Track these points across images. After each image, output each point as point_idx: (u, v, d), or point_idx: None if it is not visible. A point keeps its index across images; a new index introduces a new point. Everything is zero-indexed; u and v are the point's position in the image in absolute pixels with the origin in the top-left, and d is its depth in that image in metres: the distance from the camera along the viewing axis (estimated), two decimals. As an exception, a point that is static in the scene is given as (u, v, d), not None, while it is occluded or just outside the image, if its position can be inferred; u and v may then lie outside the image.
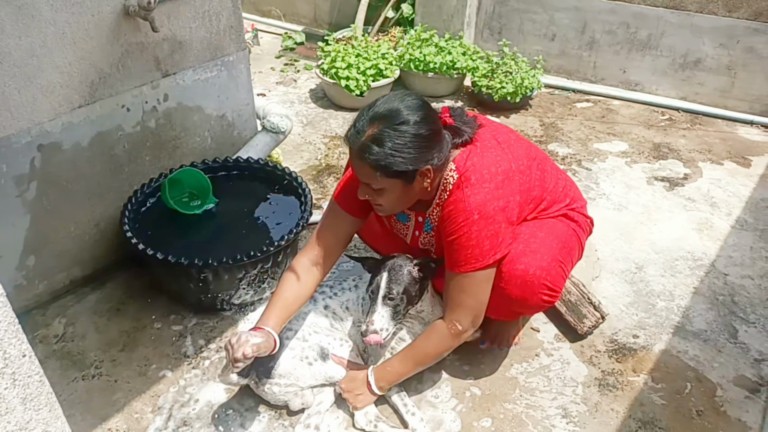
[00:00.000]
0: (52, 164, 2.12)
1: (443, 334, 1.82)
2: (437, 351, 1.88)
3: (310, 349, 1.91)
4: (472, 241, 1.70)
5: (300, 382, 1.89)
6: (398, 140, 1.61)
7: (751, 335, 2.24)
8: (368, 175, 1.67)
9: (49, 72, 1.99)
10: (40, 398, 1.11)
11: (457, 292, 1.79)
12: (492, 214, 1.69)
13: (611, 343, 2.20)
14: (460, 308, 1.79)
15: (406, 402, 1.91)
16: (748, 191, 3.07)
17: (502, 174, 1.73)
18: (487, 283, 1.78)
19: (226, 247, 2.23)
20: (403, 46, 3.90)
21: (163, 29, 2.27)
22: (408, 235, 2.03)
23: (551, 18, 4.02)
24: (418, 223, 1.96)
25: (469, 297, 1.78)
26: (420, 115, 1.64)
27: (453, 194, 1.74)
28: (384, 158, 1.61)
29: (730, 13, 3.55)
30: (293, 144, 3.40)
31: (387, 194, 1.71)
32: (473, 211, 1.69)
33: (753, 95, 3.68)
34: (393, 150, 1.61)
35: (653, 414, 1.95)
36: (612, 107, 3.90)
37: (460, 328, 1.80)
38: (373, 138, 1.62)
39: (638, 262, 2.59)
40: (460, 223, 1.70)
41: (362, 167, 1.67)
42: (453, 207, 1.72)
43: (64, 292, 2.35)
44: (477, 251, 1.71)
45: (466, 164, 1.73)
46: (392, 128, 1.61)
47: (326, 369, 1.91)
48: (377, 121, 1.63)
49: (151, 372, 2.07)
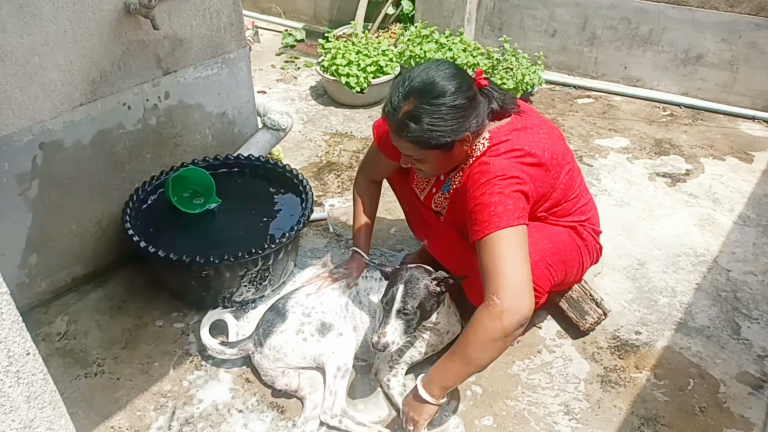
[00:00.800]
0: (54, 162, 2.12)
1: (482, 315, 1.59)
2: (480, 341, 1.60)
3: (310, 324, 1.94)
4: (495, 197, 1.64)
5: (288, 358, 1.91)
6: (435, 115, 1.61)
7: (754, 331, 2.24)
8: (408, 148, 1.72)
9: (51, 70, 1.99)
10: (44, 396, 1.11)
11: (488, 260, 1.61)
12: (514, 181, 1.67)
13: (613, 340, 2.20)
14: (494, 278, 1.58)
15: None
16: (750, 187, 3.06)
17: (532, 158, 1.73)
18: (518, 249, 1.62)
19: (228, 244, 2.24)
20: (404, 42, 3.90)
21: (164, 27, 2.27)
22: (425, 190, 2.05)
23: (552, 14, 4.01)
24: (438, 180, 1.98)
25: (500, 263, 1.59)
26: (455, 84, 1.63)
27: (478, 160, 1.74)
28: (422, 134, 1.63)
29: (732, 8, 3.54)
30: (294, 141, 3.40)
31: (428, 162, 1.76)
32: (495, 172, 1.68)
33: (755, 90, 3.67)
34: (430, 125, 1.62)
35: (656, 410, 1.95)
36: (613, 103, 3.90)
37: (498, 303, 1.55)
38: (409, 115, 1.63)
39: (640, 258, 2.59)
40: (482, 184, 1.68)
41: (401, 142, 1.70)
42: (477, 170, 1.72)
43: (66, 290, 2.36)
44: (500, 209, 1.63)
45: (500, 136, 1.74)
46: (428, 103, 1.61)
47: (319, 348, 1.90)
48: (413, 96, 1.63)
49: (153, 370, 2.07)
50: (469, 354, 1.64)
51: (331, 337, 1.93)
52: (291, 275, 2.43)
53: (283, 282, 2.38)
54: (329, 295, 2.05)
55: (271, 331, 1.95)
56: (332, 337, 1.93)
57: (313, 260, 2.54)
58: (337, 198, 2.92)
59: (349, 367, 1.91)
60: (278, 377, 1.95)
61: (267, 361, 1.94)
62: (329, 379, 1.88)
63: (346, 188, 3.00)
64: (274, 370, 1.95)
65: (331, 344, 1.92)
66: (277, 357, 1.92)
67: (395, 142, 1.76)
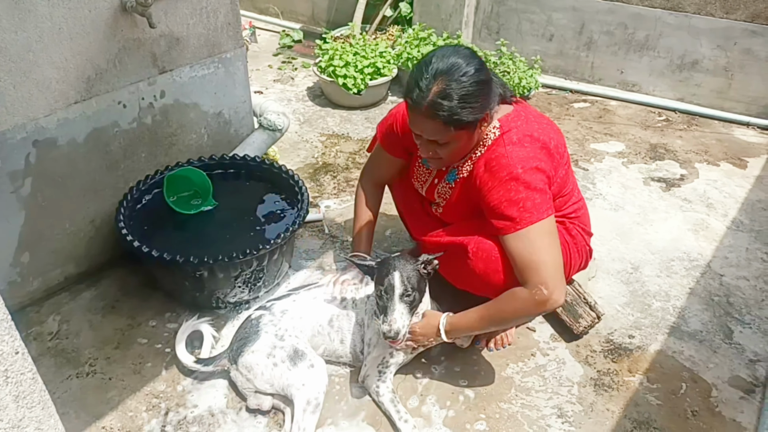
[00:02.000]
0: (48, 160, 2.11)
1: (526, 300, 1.69)
2: (516, 316, 1.77)
3: (282, 349, 1.89)
4: (521, 194, 1.69)
5: (256, 381, 1.87)
6: (464, 91, 1.64)
7: (746, 336, 2.24)
8: (437, 131, 1.70)
9: (45, 67, 1.98)
10: (33, 396, 1.10)
11: (527, 253, 1.69)
12: (535, 170, 1.72)
13: (607, 343, 2.20)
14: (540, 268, 1.67)
15: (399, 409, 1.89)
16: (744, 192, 3.07)
17: (542, 143, 1.78)
18: (553, 237, 1.73)
19: (222, 244, 2.23)
20: (401, 44, 3.90)
21: (161, 25, 2.26)
22: (426, 182, 2.06)
23: (549, 18, 4.02)
24: (440, 171, 1.99)
25: (541, 253, 1.68)
26: (477, 63, 1.68)
27: (493, 150, 1.77)
28: (455, 111, 1.64)
29: (728, 15, 3.55)
30: (290, 142, 3.39)
31: (451, 146, 1.75)
32: (516, 165, 1.72)
33: (750, 97, 3.68)
34: (461, 101, 1.64)
35: (648, 414, 1.95)
36: (609, 108, 3.91)
37: (546, 293, 1.66)
38: (441, 94, 1.64)
39: (634, 262, 2.59)
40: (503, 178, 1.72)
41: (431, 124, 1.69)
42: (495, 162, 1.75)
43: (58, 289, 2.34)
44: (530, 203, 1.69)
45: (510, 124, 1.79)
46: (456, 80, 1.64)
47: (289, 378, 1.84)
48: (440, 77, 1.64)
49: (145, 370, 2.06)
50: (499, 323, 1.83)
51: (302, 367, 1.85)
52: (285, 276, 2.43)
53: (277, 283, 2.38)
54: (307, 315, 2.00)
55: (243, 349, 1.90)
56: (303, 368, 1.85)
57: (308, 261, 2.54)
58: (332, 199, 2.92)
59: (320, 402, 1.83)
60: (250, 396, 1.91)
61: (240, 379, 1.91)
62: (298, 413, 1.80)
63: (342, 189, 3.00)
64: (244, 389, 1.92)
65: (302, 375, 1.84)
66: (248, 377, 1.88)
67: (419, 128, 1.74)
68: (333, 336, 2.01)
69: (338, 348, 2.02)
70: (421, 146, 1.81)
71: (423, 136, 1.75)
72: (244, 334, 1.96)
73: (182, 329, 2.07)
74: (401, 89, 4.02)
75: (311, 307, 2.02)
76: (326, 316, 2.01)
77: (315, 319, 2.01)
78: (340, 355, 2.04)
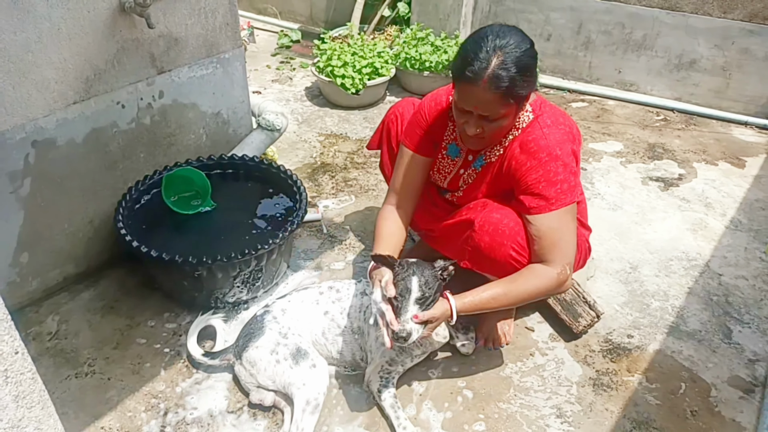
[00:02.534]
0: (47, 161, 2.11)
1: (550, 278, 1.76)
2: (535, 293, 1.80)
3: (285, 347, 1.91)
4: (560, 175, 1.76)
5: (259, 376, 1.89)
6: (522, 63, 1.66)
7: (746, 335, 2.24)
8: (494, 103, 1.69)
9: (44, 68, 1.98)
10: (33, 396, 1.10)
11: (555, 234, 1.77)
12: (569, 153, 1.80)
13: (606, 343, 2.21)
14: (567, 250, 1.78)
15: (399, 415, 1.88)
16: (742, 192, 3.08)
17: (570, 128, 1.85)
18: (575, 222, 1.82)
19: (221, 244, 2.23)
20: (399, 44, 3.90)
21: (159, 26, 2.26)
22: (451, 173, 2.06)
23: (547, 18, 4.03)
24: (466, 161, 2.01)
25: (567, 235, 1.78)
26: (529, 40, 1.72)
27: (529, 132, 1.82)
28: (514, 83, 1.66)
29: (725, 15, 3.56)
30: (288, 142, 3.39)
31: (500, 123, 1.76)
32: (555, 147, 1.78)
33: (747, 96, 3.69)
34: (520, 73, 1.66)
35: (647, 414, 1.96)
36: (607, 107, 3.91)
37: (568, 273, 1.78)
38: (501, 66, 1.64)
39: (633, 262, 2.59)
40: (544, 159, 1.77)
41: (489, 96, 1.67)
42: (533, 144, 1.80)
43: (57, 289, 2.34)
44: (566, 186, 1.77)
45: (541, 108, 1.85)
46: (515, 53, 1.66)
47: (291, 376, 1.85)
48: (499, 50, 1.65)
49: (144, 370, 2.06)
50: (518, 300, 1.81)
51: (304, 366, 1.87)
52: (284, 276, 2.43)
53: (275, 283, 2.38)
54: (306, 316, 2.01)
55: (248, 344, 1.94)
56: (305, 367, 1.87)
57: (307, 261, 2.54)
58: (331, 199, 2.92)
59: (320, 403, 1.83)
60: (253, 391, 1.93)
61: (244, 374, 1.93)
62: (297, 413, 1.80)
63: (341, 189, 3.00)
64: (247, 383, 1.94)
65: (303, 375, 1.85)
66: (252, 372, 1.91)
67: (474, 102, 1.70)
68: (329, 347, 2.02)
69: (337, 357, 2.03)
70: (468, 125, 1.78)
71: (476, 111, 1.73)
72: (249, 330, 1.99)
73: (196, 323, 2.11)
74: (399, 89, 4.02)
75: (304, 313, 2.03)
76: (319, 328, 2.01)
77: (310, 329, 2.01)
78: (341, 362, 2.05)
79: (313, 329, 2.01)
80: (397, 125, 2.29)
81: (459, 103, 1.76)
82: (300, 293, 2.10)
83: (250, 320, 2.06)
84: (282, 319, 1.99)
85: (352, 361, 2.03)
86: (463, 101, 1.74)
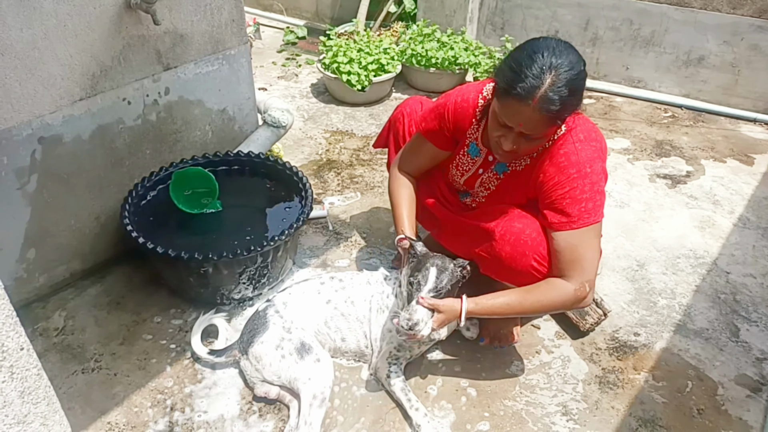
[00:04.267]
0: (53, 157, 2.11)
1: (568, 293, 1.74)
2: (551, 306, 1.80)
3: (290, 341, 1.91)
4: (586, 194, 1.72)
5: (264, 371, 1.90)
6: (572, 86, 1.58)
7: (753, 334, 2.23)
8: (540, 124, 1.62)
9: (51, 64, 1.98)
10: (38, 392, 1.11)
11: (575, 252, 1.74)
12: (599, 172, 1.76)
13: (612, 341, 2.20)
14: (586, 267, 1.74)
15: (411, 397, 1.90)
16: (750, 189, 3.05)
17: (601, 143, 1.81)
18: (599, 240, 1.78)
19: (227, 241, 2.23)
20: (405, 41, 3.89)
21: (165, 22, 2.26)
22: (468, 171, 2.02)
23: (554, 14, 4.01)
24: (486, 161, 1.96)
25: (589, 253, 1.74)
26: (582, 61, 1.63)
27: (561, 146, 1.76)
28: (564, 107, 1.59)
29: (735, 10, 3.53)
30: (294, 139, 3.39)
31: (539, 141, 1.72)
32: (585, 164, 1.73)
33: (757, 93, 3.66)
34: (570, 96, 1.58)
35: (654, 412, 1.95)
36: (615, 104, 3.89)
37: (587, 291, 1.75)
38: (553, 88, 1.56)
39: (640, 259, 2.58)
40: (572, 175, 1.73)
41: (536, 117, 1.60)
42: (564, 159, 1.74)
43: (64, 285, 2.35)
44: (591, 205, 1.72)
45: (575, 121, 1.77)
46: (567, 76, 1.57)
47: (296, 371, 1.86)
48: (554, 70, 1.57)
49: (150, 366, 2.06)
50: (529, 309, 1.82)
51: (308, 361, 1.88)
52: (290, 273, 2.43)
53: (281, 280, 2.38)
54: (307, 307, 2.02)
55: (253, 340, 1.94)
56: (310, 362, 1.87)
57: (312, 258, 2.54)
58: (336, 196, 2.92)
59: (326, 397, 1.83)
60: (258, 384, 1.94)
61: (249, 368, 1.94)
62: (304, 407, 1.81)
63: (346, 186, 3.00)
64: (252, 378, 1.95)
65: (308, 369, 1.86)
66: (257, 368, 1.92)
67: (518, 121, 1.63)
68: (333, 335, 2.02)
69: (341, 345, 2.03)
70: (504, 139, 1.71)
71: (518, 128, 1.65)
72: (253, 325, 1.99)
73: (198, 322, 2.10)
74: (405, 86, 4.01)
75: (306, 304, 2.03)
76: (321, 317, 2.02)
77: (313, 320, 2.01)
78: (345, 352, 2.05)
79: (316, 319, 2.01)
80: (404, 124, 2.28)
81: (502, 118, 1.67)
82: (300, 285, 2.11)
83: (252, 315, 2.06)
84: (284, 312, 1.99)
85: (357, 350, 2.03)
86: (506, 117, 1.65)
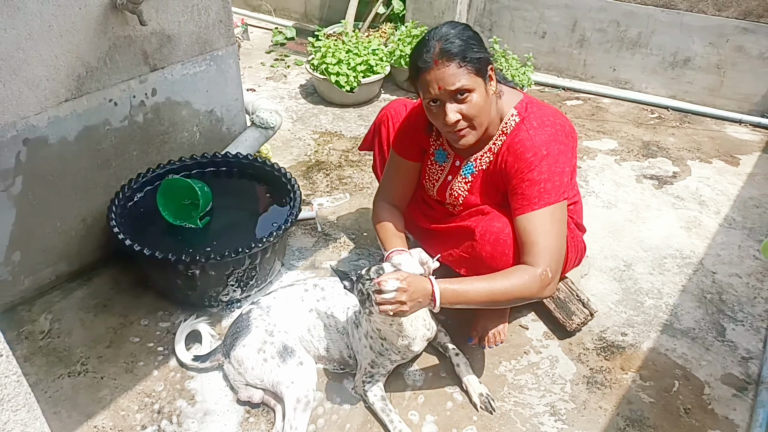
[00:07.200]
0: (38, 159, 2.09)
1: (532, 279, 1.71)
2: (519, 295, 1.73)
3: (272, 345, 1.90)
4: (543, 175, 1.75)
5: (247, 375, 1.89)
6: (463, 36, 1.71)
7: (739, 333, 2.25)
8: (454, 75, 1.69)
9: (35, 65, 1.97)
10: (18, 399, 1.09)
11: (538, 234, 1.73)
12: (558, 152, 1.78)
13: (600, 341, 2.21)
14: (546, 252, 1.72)
15: (393, 418, 1.85)
16: (736, 190, 3.08)
17: (560, 126, 1.83)
18: (562, 224, 1.79)
19: (214, 243, 2.22)
20: (394, 42, 3.89)
21: (152, 23, 2.25)
22: (438, 180, 2.05)
23: (542, 15, 4.02)
24: (454, 167, 1.99)
25: (550, 238, 1.74)
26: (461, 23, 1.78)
27: (516, 135, 1.82)
28: (463, 49, 1.69)
29: (720, 12, 3.56)
30: (283, 140, 3.38)
31: (472, 97, 1.72)
32: (541, 147, 1.77)
33: (741, 94, 3.70)
34: (465, 42, 1.70)
35: (641, 412, 1.96)
36: (602, 105, 3.91)
37: (550, 276, 1.72)
38: (445, 41, 1.70)
39: (627, 259, 2.60)
40: (529, 159, 1.77)
41: (446, 70, 1.69)
42: (520, 145, 1.80)
43: (50, 287, 2.33)
44: (549, 185, 1.75)
45: (527, 110, 1.84)
46: (452, 33, 1.71)
47: (279, 375, 1.85)
48: (440, 37, 1.71)
49: (137, 369, 2.05)
50: (499, 299, 1.74)
51: (291, 364, 1.86)
52: (278, 275, 2.42)
53: (270, 282, 2.37)
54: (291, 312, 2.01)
55: (235, 343, 1.93)
56: (292, 365, 1.86)
57: (301, 260, 2.53)
58: (325, 197, 2.91)
59: (310, 400, 1.83)
60: (241, 388, 1.93)
61: (232, 372, 1.93)
62: (289, 411, 1.80)
63: (335, 187, 2.99)
64: (235, 381, 1.94)
65: (291, 373, 1.85)
66: (240, 371, 1.91)
67: (437, 82, 1.70)
68: (316, 344, 2.01)
69: (325, 354, 2.02)
70: (445, 114, 1.73)
71: (441, 90, 1.70)
72: (236, 328, 1.98)
73: (180, 329, 2.09)
74: (394, 87, 4.01)
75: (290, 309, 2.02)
76: (304, 325, 2.01)
77: (297, 326, 2.01)
78: (329, 360, 2.04)
79: (300, 326, 2.01)
80: (389, 127, 2.30)
81: (426, 96, 1.76)
82: (285, 290, 2.10)
83: (237, 318, 2.05)
84: (268, 316, 1.99)
85: (341, 359, 2.02)
86: (426, 90, 1.74)
